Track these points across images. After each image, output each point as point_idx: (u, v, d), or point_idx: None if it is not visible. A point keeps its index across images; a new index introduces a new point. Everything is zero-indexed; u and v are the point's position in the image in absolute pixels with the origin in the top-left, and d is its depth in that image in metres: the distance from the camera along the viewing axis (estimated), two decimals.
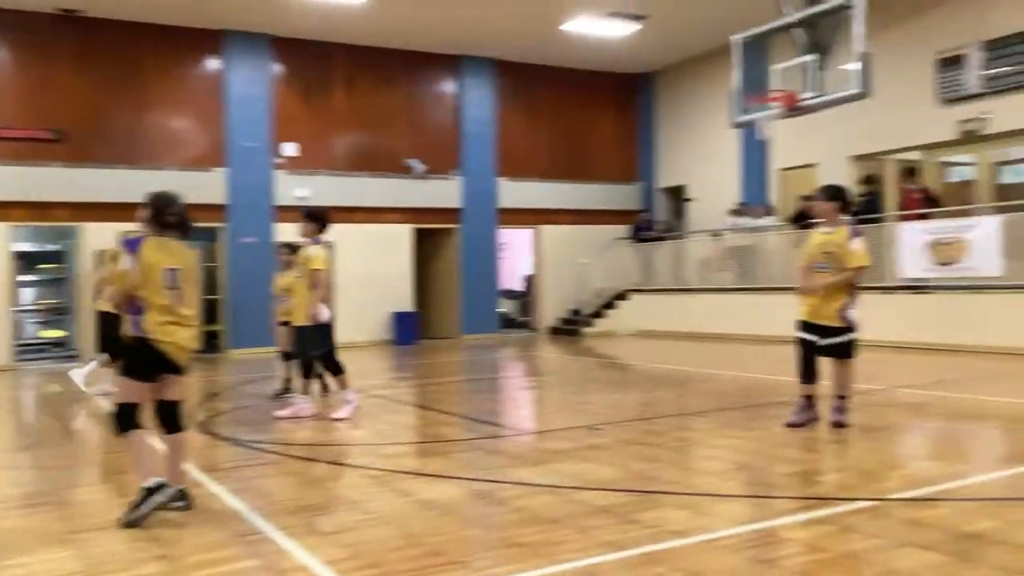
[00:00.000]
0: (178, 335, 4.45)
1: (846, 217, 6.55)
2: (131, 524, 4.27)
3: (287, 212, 16.39)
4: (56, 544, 4.11)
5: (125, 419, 4.42)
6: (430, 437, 6.91)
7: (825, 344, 6.40)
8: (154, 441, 4.60)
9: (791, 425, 6.43)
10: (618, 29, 16.29)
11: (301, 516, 4.47)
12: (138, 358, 4.42)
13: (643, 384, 10.28)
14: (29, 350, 16.95)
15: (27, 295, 17.55)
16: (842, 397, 6.51)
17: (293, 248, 8.20)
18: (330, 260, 8.11)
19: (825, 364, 6.52)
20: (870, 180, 14.10)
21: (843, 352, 6.43)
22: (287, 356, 8.58)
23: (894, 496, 4.52)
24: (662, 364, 11.81)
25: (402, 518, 4.38)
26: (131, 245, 4.44)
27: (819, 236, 6.52)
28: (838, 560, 3.54)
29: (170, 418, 4.58)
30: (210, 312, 17.02)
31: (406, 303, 17.43)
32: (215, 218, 15.87)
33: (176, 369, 4.52)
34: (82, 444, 7.15)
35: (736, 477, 5.08)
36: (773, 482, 5.03)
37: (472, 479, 5.19)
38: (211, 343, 16.46)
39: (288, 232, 16.32)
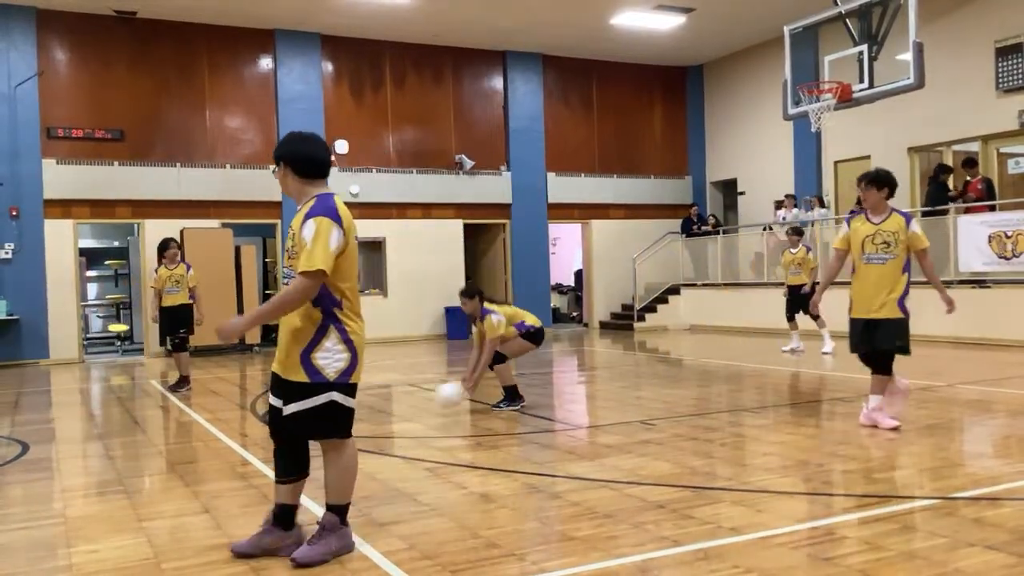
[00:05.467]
0: None
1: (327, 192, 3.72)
2: None
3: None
4: (125, 531, 4.26)
5: None
6: (484, 431, 6.95)
7: (287, 412, 3.61)
8: None
9: (294, 561, 3.65)
10: (665, 22, 16.19)
11: (359, 507, 4.54)
12: None
13: (696, 379, 10.21)
14: (96, 343, 17.48)
15: (92, 290, 18.11)
16: (323, 528, 3.67)
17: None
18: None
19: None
20: (944, 171, 13.69)
21: (310, 427, 3.63)
22: None
23: (957, 495, 4.44)
24: (715, 359, 11.71)
25: (458, 510, 4.43)
26: None
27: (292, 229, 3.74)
28: (900, 559, 3.48)
29: None
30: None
31: (458, 298, 17.54)
32: (272, 215, 16.18)
33: None
34: (148, 434, 7.36)
35: (793, 474, 5.02)
36: (831, 479, 4.96)
37: (527, 473, 5.22)
38: (270, 336, 16.76)
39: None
